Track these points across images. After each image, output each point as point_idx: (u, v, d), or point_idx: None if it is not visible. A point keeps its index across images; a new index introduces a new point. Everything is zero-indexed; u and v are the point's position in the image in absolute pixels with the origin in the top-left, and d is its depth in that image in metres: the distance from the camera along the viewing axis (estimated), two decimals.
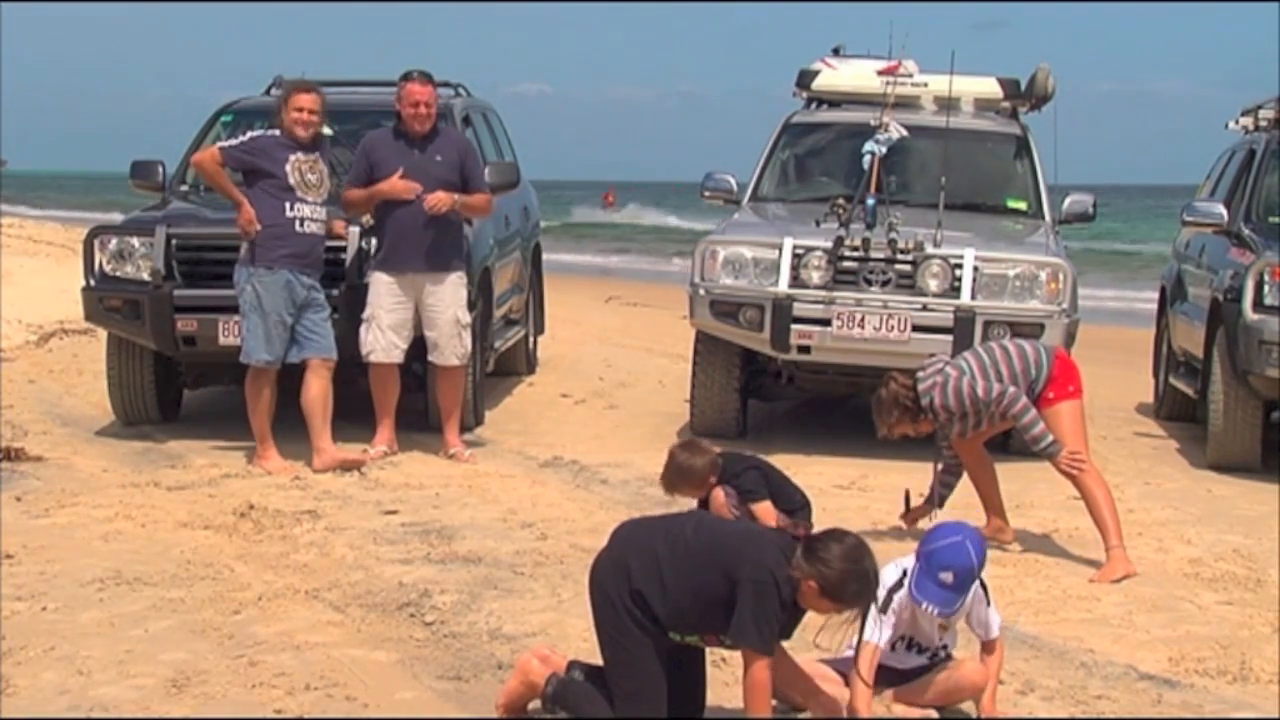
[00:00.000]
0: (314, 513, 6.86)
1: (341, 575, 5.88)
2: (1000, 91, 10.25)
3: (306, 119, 7.84)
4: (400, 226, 8.00)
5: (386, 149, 8.06)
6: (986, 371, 6.34)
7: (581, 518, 6.82)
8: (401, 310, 8.04)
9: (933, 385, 6.32)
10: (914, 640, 4.58)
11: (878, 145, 9.00)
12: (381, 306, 8.02)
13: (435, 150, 8.08)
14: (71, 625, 5.26)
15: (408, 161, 7.98)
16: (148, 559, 6.06)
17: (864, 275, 8.43)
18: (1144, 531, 7.00)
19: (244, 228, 7.74)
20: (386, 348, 8.04)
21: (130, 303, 8.36)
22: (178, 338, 8.31)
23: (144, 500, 7.07)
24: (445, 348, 8.10)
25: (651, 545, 4.12)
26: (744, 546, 4.07)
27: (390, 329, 8.02)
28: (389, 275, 8.02)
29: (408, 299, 8.06)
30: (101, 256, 8.50)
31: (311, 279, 7.87)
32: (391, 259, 8.03)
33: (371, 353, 8.04)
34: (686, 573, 4.05)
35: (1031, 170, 9.85)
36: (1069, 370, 6.46)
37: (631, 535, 4.25)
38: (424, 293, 8.05)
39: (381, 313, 8.02)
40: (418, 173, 7.96)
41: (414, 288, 8.05)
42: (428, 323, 8.09)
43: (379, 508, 6.99)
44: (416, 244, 7.99)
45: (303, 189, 7.82)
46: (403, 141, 8.07)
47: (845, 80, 10.35)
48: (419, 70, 8.14)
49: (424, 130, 8.05)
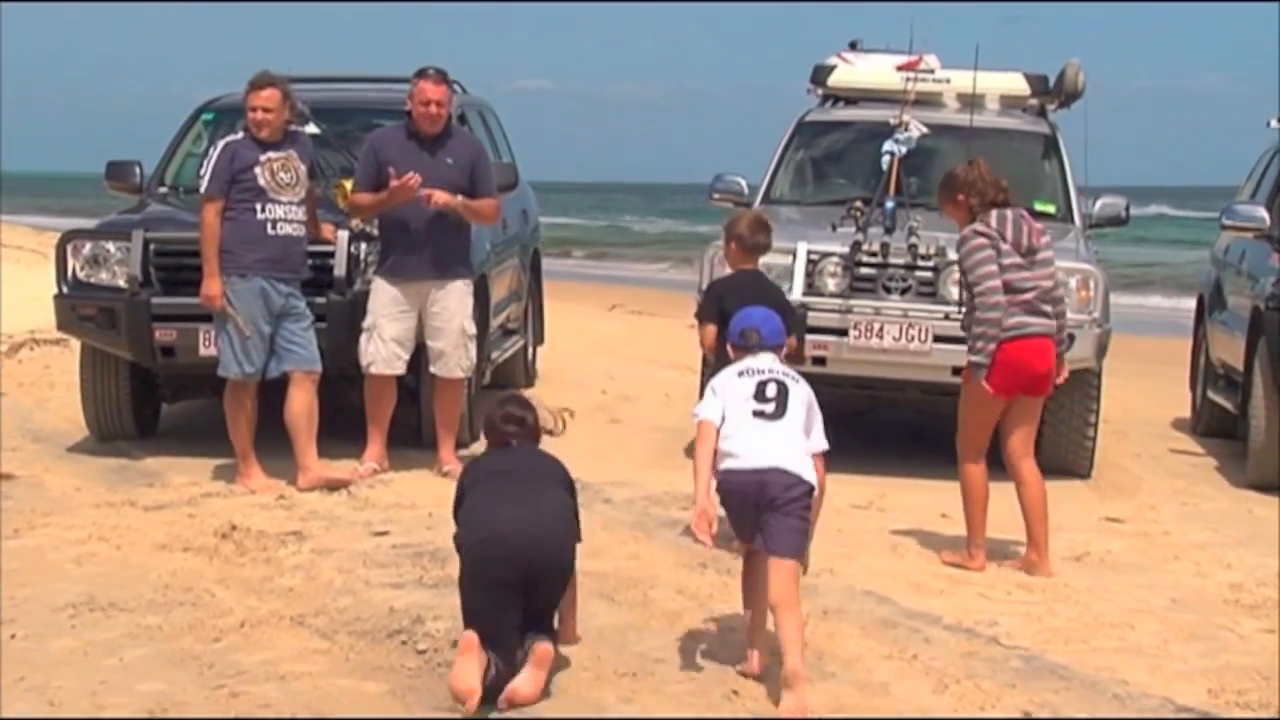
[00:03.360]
0: (300, 534, 6.85)
1: (329, 600, 5.87)
2: (1027, 88, 10.25)
3: (261, 119, 7.81)
4: (405, 231, 8.00)
5: (396, 149, 8.05)
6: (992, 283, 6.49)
7: (583, 539, 6.80)
8: (405, 319, 8.04)
9: (973, 234, 6.55)
10: (759, 381, 5.16)
11: (897, 145, 9.00)
12: (385, 315, 8.01)
13: (447, 152, 8.08)
14: (42, 654, 5.26)
15: (417, 163, 7.96)
16: (123, 583, 6.06)
17: (883, 282, 8.43)
18: (1181, 555, 6.98)
19: (203, 299, 7.71)
20: (388, 359, 8.03)
21: (105, 311, 8.37)
22: (155, 348, 8.31)
23: (119, 521, 7.07)
24: (450, 359, 8.09)
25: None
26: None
27: (393, 339, 8.01)
28: (393, 283, 8.02)
29: (411, 308, 8.05)
30: (75, 262, 8.51)
31: (290, 286, 7.85)
32: (396, 266, 8.03)
33: (372, 364, 8.03)
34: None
35: (1060, 171, 9.85)
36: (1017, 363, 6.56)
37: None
38: (429, 301, 8.04)
39: (384, 322, 8.01)
40: (427, 174, 7.94)
41: (419, 296, 8.04)
42: (432, 332, 8.08)
43: (369, 529, 6.99)
44: (422, 250, 7.99)
45: (274, 189, 7.80)
46: (414, 142, 8.06)
47: (863, 76, 10.36)
48: (434, 67, 8.13)
49: (435, 130, 8.04)
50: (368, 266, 8.34)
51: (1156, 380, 12.87)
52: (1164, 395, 12.00)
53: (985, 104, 10.04)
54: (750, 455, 5.04)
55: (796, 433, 5.13)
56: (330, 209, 8.43)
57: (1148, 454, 9.70)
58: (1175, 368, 12.03)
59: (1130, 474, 9.11)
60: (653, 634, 5.55)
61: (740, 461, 5.05)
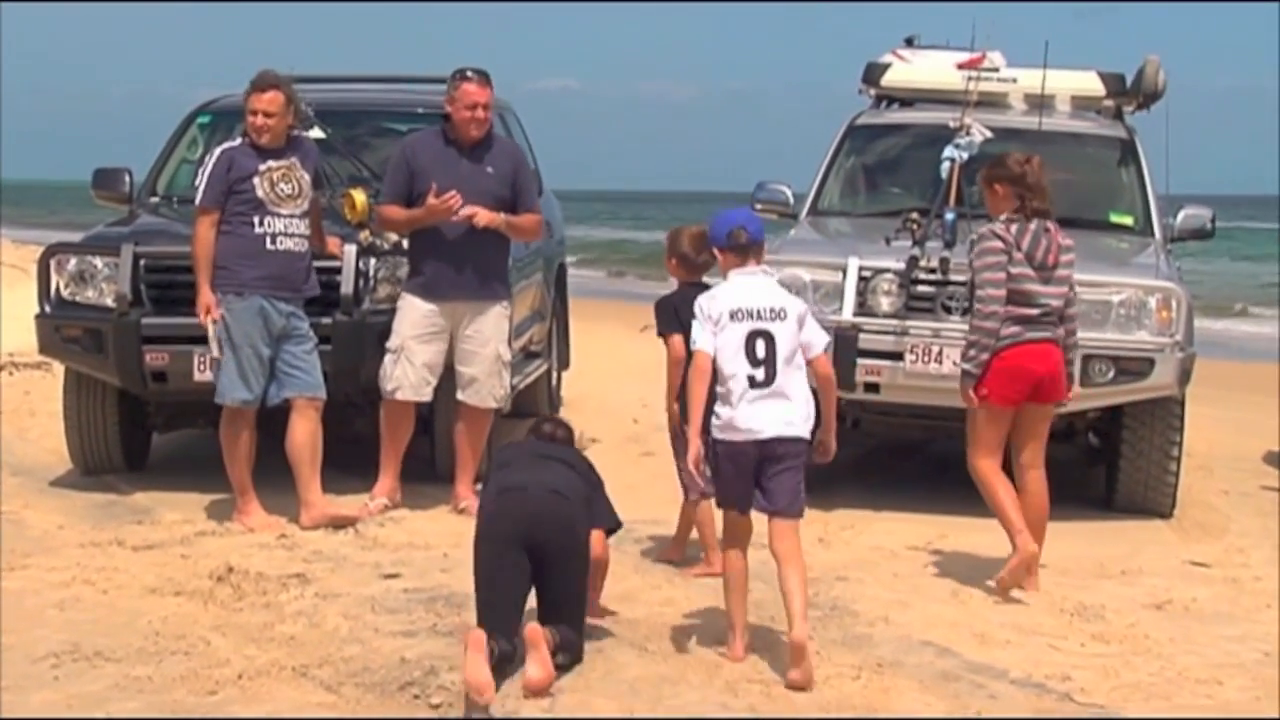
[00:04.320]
0: (302, 576, 6.88)
1: (334, 649, 5.89)
2: (1102, 88, 10.25)
3: (262, 124, 7.85)
4: (442, 244, 7.96)
5: (431, 156, 8.00)
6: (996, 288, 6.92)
7: (612, 582, 6.80)
8: (437, 342, 8.03)
9: (990, 235, 7.00)
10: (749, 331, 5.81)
11: (958, 150, 9.00)
12: (414, 337, 7.98)
13: (488, 161, 8.05)
14: (23, 707, 5.28)
15: (455, 173, 7.93)
16: (110, 630, 6.09)
17: (942, 302, 8.42)
18: (1274, 603, 6.94)
19: (200, 311, 7.75)
20: (416, 385, 8.02)
21: (91, 332, 8.42)
22: (146, 373, 8.35)
23: (106, 562, 7.11)
24: (483, 387, 8.09)
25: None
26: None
27: (424, 364, 7.99)
28: (427, 302, 8.01)
29: (444, 329, 8.04)
30: (58, 279, 8.57)
31: (291, 305, 7.88)
32: (430, 283, 8.00)
33: (398, 389, 7.99)
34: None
35: (1138, 179, 9.84)
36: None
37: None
38: (463, 324, 8.02)
39: (414, 344, 7.98)
40: (466, 186, 7.90)
41: (453, 316, 8.02)
42: (464, 357, 8.05)
43: (378, 571, 7.01)
44: (461, 266, 7.96)
45: (274, 201, 7.84)
46: (452, 149, 8.03)
47: (920, 75, 10.38)
48: (474, 68, 8.09)
49: (478, 137, 8.03)
50: (377, 284, 8.37)
51: (1245, 410, 12.81)
52: (1254, 426, 11.94)
53: (1055, 105, 10.04)
54: (749, 428, 5.79)
55: (791, 392, 5.85)
56: (337, 221, 8.48)
57: (1236, 491, 9.65)
58: (1265, 395, 11.98)
59: (1217, 513, 9.07)
60: (690, 688, 5.55)
61: (738, 434, 5.80)
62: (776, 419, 5.78)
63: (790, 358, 5.86)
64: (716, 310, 5.91)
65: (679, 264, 7.12)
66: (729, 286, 6.00)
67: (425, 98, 9.78)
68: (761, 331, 5.86)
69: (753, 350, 5.82)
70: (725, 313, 5.89)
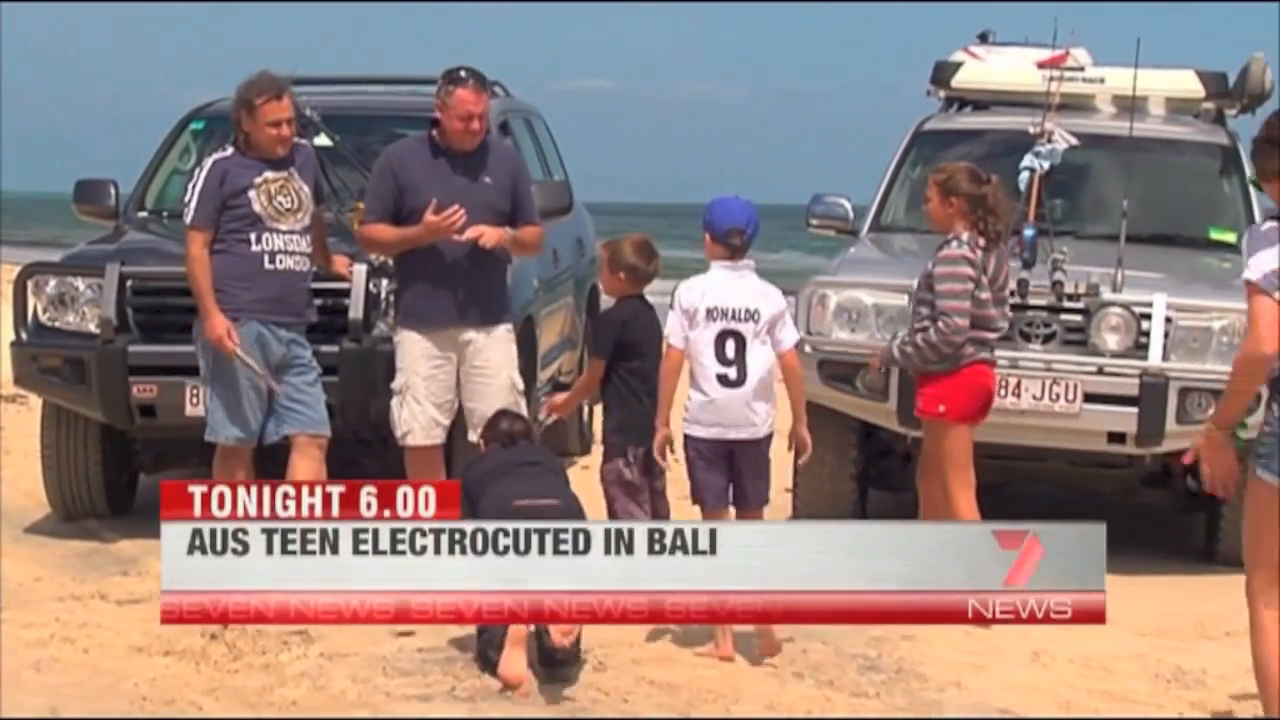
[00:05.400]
0: (305, 634, 6.87)
1: (341, 716, 5.88)
2: (1201, 89, 10.23)
3: (287, 134, 7.82)
4: (433, 267, 7.81)
5: (420, 168, 7.85)
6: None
7: (650, 642, 6.81)
8: (442, 375, 7.88)
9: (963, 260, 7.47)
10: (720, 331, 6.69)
11: (1038, 160, 9.00)
12: (418, 373, 7.83)
13: (485, 171, 7.89)
14: None
15: (450, 186, 7.77)
16: (92, 694, 6.10)
17: (1020, 328, 8.41)
18: None
19: (216, 342, 7.63)
20: (427, 426, 7.90)
21: (72, 362, 8.46)
22: (133, 407, 8.40)
23: (87, 618, 7.13)
24: None
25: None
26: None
27: (431, 402, 7.87)
28: (422, 332, 7.87)
29: (447, 360, 7.92)
30: (36, 302, 8.61)
31: (292, 331, 7.86)
32: (424, 310, 7.85)
33: (409, 434, 7.83)
34: None
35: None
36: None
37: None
38: (466, 353, 7.87)
39: (418, 381, 7.82)
40: (464, 200, 7.74)
41: (454, 344, 7.86)
42: (472, 392, 7.89)
43: (390, 627, 7.00)
44: (456, 288, 7.81)
45: (272, 216, 7.79)
46: (443, 159, 7.88)
47: (995, 75, 10.38)
48: (467, 69, 7.87)
49: (471, 147, 7.89)
50: (389, 307, 8.36)
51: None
52: None
53: (1148, 108, 10.03)
54: (718, 425, 6.74)
55: (758, 390, 6.76)
56: (345, 238, 8.48)
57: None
58: None
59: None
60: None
61: (708, 430, 6.75)
62: (743, 418, 6.73)
63: (760, 357, 6.75)
64: (694, 304, 6.77)
65: (628, 278, 7.32)
66: (711, 281, 6.84)
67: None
68: (732, 332, 6.75)
69: (722, 350, 6.73)
70: (703, 309, 6.76)
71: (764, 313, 6.78)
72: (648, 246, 7.39)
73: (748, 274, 6.88)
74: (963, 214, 7.58)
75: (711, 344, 6.74)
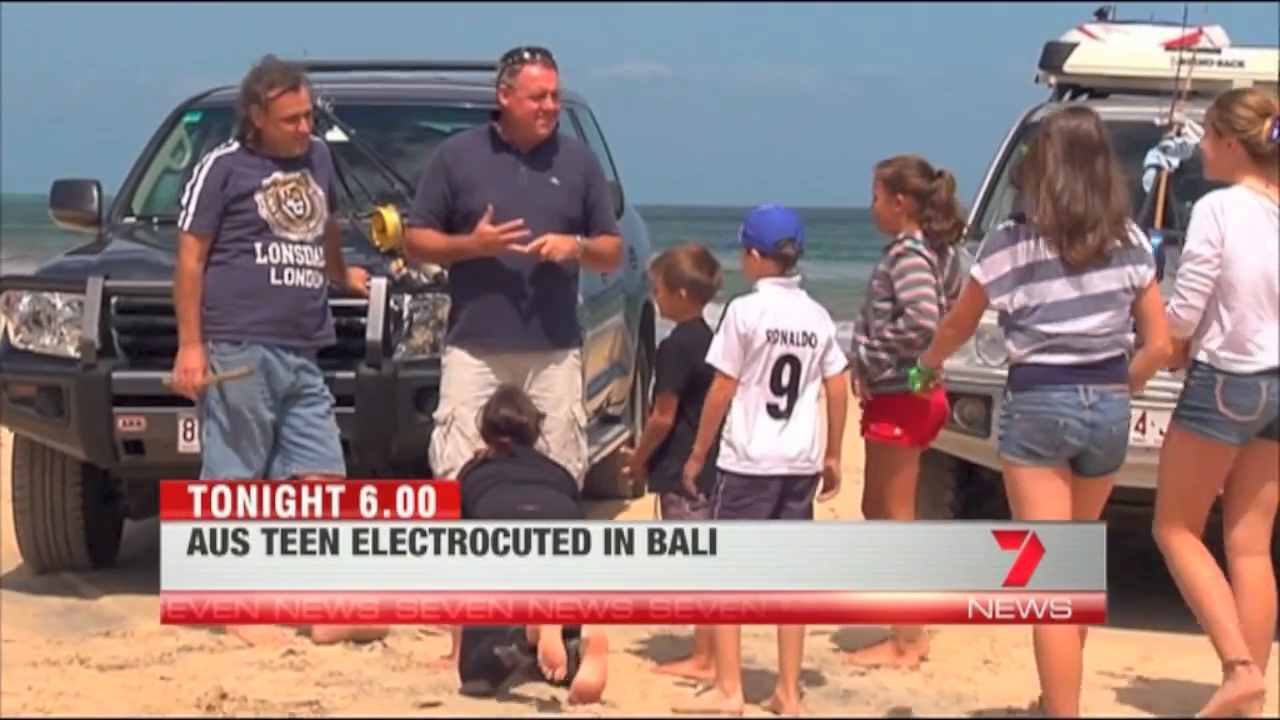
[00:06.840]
0: (316, 705, 6.90)
1: None
2: None
3: (305, 131, 7.88)
4: (496, 283, 7.74)
5: (478, 165, 7.81)
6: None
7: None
8: None
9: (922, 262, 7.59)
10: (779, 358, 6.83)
11: (1165, 156, 8.97)
12: (466, 403, 7.76)
13: (552, 170, 7.84)
14: None
15: (513, 187, 7.73)
16: None
17: None
18: None
19: (177, 383, 7.79)
20: None
21: (49, 390, 8.51)
22: (118, 442, 8.44)
23: (65, 686, 7.14)
24: (557, 460, 7.77)
25: None
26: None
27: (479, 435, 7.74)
28: (475, 354, 7.83)
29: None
30: (8, 322, 8.67)
31: (302, 356, 7.89)
32: (482, 330, 7.79)
33: (452, 470, 7.73)
34: None
35: None
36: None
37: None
38: (527, 382, 7.79)
39: (466, 412, 7.74)
40: (528, 204, 7.69)
41: (513, 372, 7.79)
42: None
43: (413, 698, 7.02)
44: (520, 306, 7.76)
45: (281, 223, 7.82)
46: (506, 156, 7.84)
47: (1116, 58, 10.35)
48: (533, 47, 7.85)
49: (545, 134, 7.86)
50: (413, 328, 8.38)
51: None
52: None
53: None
54: (764, 460, 6.81)
55: (808, 424, 6.89)
56: (362, 246, 8.51)
57: None
58: None
59: None
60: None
61: (754, 466, 6.81)
62: (794, 453, 6.84)
63: (813, 386, 6.91)
64: (754, 326, 6.83)
65: (689, 294, 7.40)
66: (769, 300, 6.90)
67: (474, 90, 9.81)
68: (790, 357, 6.86)
69: (778, 378, 6.84)
70: (764, 332, 6.84)
71: (820, 336, 6.93)
72: (707, 257, 7.41)
73: (800, 291, 7.02)
74: (909, 214, 7.70)
75: (769, 371, 6.84)
